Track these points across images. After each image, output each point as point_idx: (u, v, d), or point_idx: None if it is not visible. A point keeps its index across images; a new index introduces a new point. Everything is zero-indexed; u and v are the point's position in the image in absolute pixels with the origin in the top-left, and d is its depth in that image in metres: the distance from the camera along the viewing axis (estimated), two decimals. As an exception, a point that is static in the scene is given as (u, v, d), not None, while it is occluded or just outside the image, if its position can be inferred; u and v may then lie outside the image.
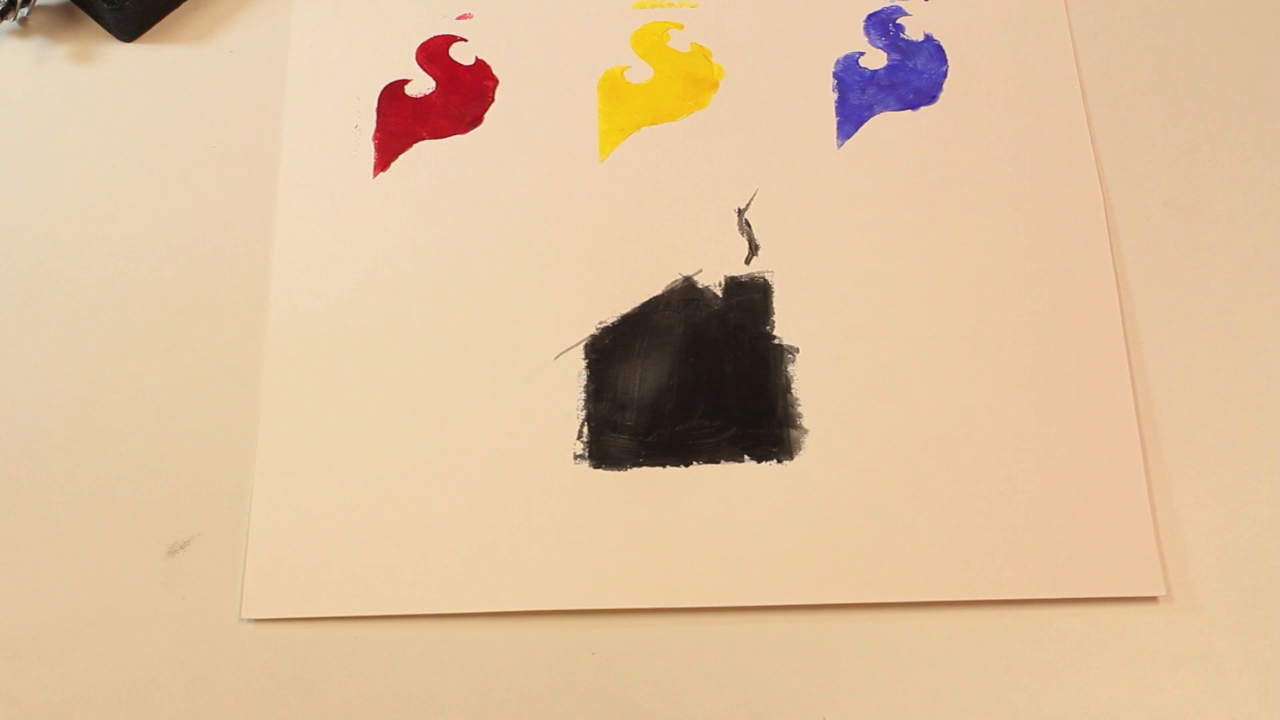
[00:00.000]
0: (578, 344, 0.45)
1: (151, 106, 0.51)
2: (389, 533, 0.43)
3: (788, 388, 0.44)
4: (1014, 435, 0.43)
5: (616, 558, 0.42)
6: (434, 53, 0.51)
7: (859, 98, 0.50)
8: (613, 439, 0.44)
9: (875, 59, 0.51)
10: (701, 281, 0.46)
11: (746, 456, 0.43)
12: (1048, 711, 0.40)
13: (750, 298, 0.46)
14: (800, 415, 0.44)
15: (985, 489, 0.43)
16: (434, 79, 0.51)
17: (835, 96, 0.50)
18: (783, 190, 0.48)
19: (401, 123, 0.50)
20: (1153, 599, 0.41)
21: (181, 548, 0.43)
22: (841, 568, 0.42)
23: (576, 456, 0.44)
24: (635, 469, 0.43)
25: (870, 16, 0.51)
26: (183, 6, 0.53)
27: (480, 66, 0.51)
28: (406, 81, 0.51)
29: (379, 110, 0.50)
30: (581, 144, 0.49)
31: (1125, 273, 0.46)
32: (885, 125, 0.49)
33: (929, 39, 0.51)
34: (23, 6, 0.51)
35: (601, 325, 0.46)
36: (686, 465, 0.43)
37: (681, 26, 0.51)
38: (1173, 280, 0.46)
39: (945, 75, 0.50)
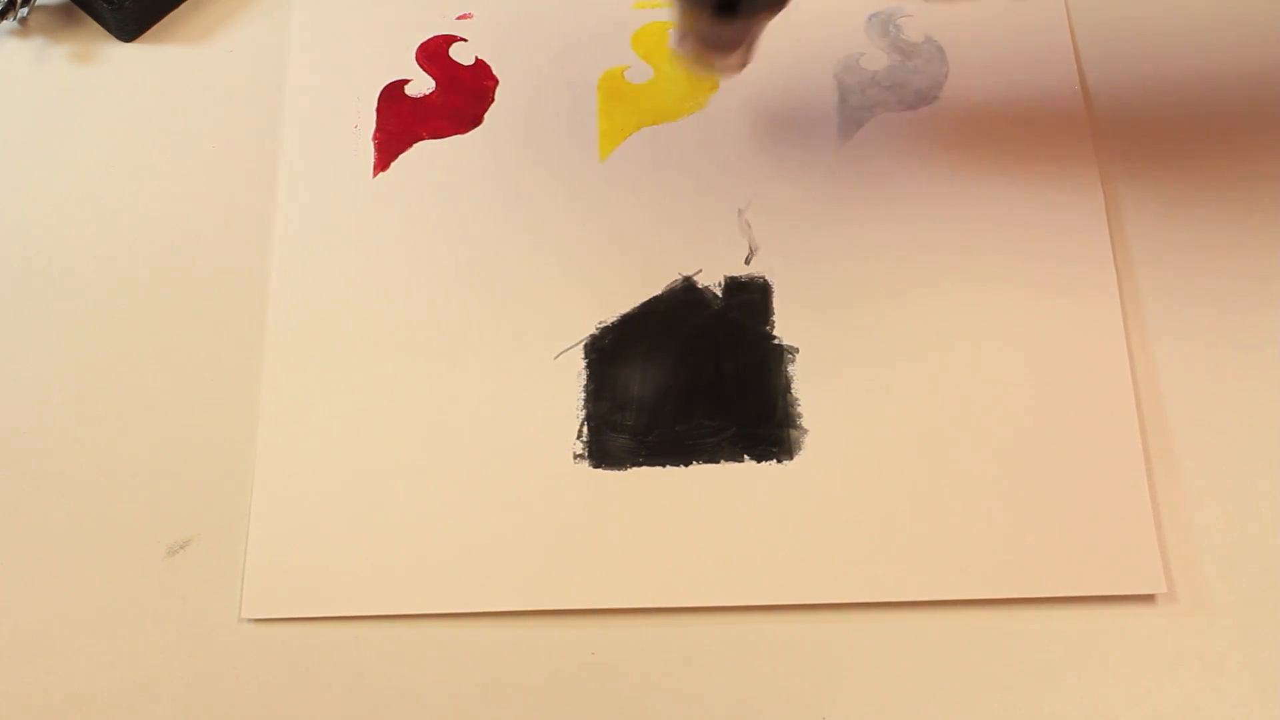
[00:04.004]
0: (577, 344, 0.45)
1: (151, 106, 0.51)
2: (389, 533, 0.43)
3: (788, 388, 0.44)
4: (1015, 434, 0.43)
5: (616, 558, 0.42)
6: (434, 53, 0.51)
7: (859, 98, 0.50)
8: (612, 439, 0.44)
9: (875, 59, 0.51)
10: (701, 281, 0.46)
11: (746, 456, 0.43)
12: (1048, 711, 0.40)
13: (750, 298, 0.46)
14: (800, 415, 0.44)
15: (986, 488, 0.43)
16: (434, 79, 0.51)
17: (835, 96, 0.50)
18: (783, 190, 0.48)
19: (401, 123, 0.50)
20: (1155, 597, 0.41)
21: (181, 548, 0.43)
22: (841, 568, 0.42)
23: (576, 456, 0.44)
24: (635, 469, 0.43)
25: (870, 17, 0.51)
26: (183, 6, 0.53)
27: (480, 66, 0.51)
28: (406, 81, 0.51)
29: (379, 110, 0.50)
30: (582, 144, 0.49)
31: (1125, 271, 0.46)
32: (885, 125, 0.49)
33: (929, 39, 0.51)
34: (23, 6, 0.51)
35: (601, 325, 0.46)
36: (686, 465, 0.43)
37: (681, 26, 0.51)
38: (1173, 277, 0.46)
39: (945, 75, 0.50)
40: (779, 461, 0.43)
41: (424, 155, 0.49)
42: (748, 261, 0.47)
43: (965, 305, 0.45)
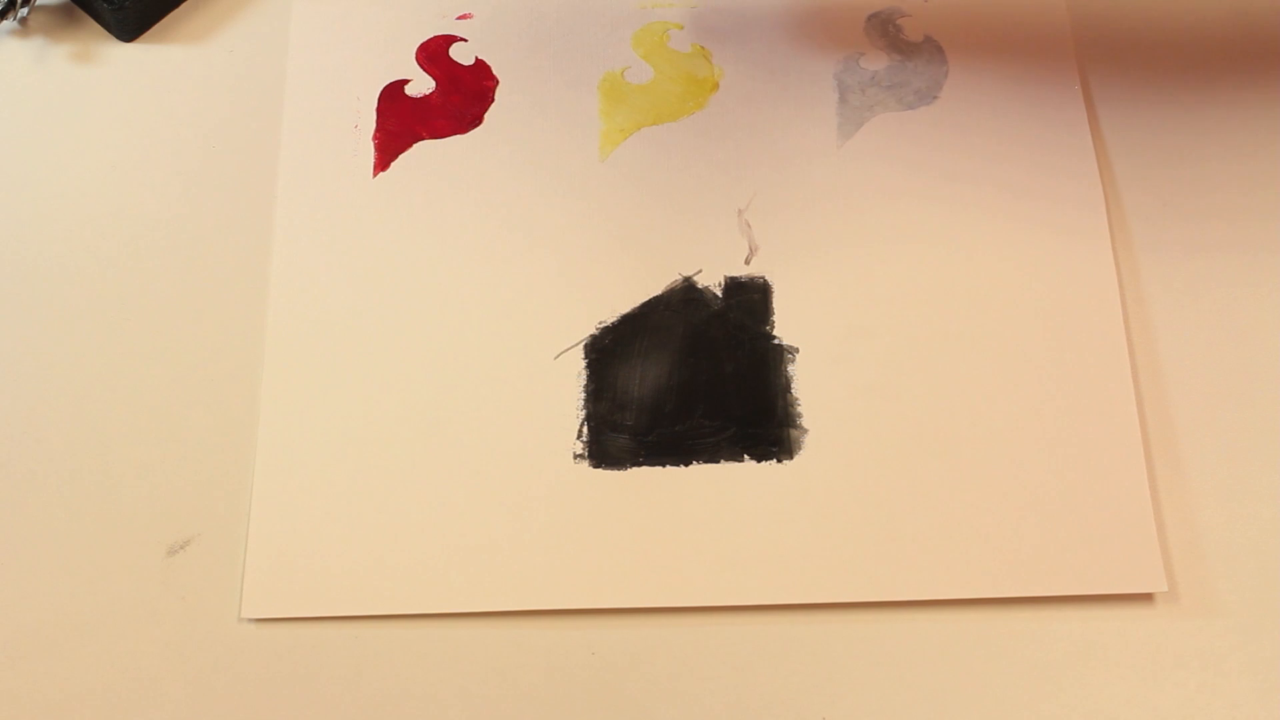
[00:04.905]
0: (578, 344, 0.45)
1: (151, 106, 0.51)
2: (389, 533, 0.43)
3: (788, 388, 0.44)
4: (1014, 434, 0.43)
5: (616, 558, 0.42)
6: (434, 53, 0.51)
7: (859, 98, 0.50)
8: (613, 439, 0.44)
9: (875, 59, 0.51)
10: (701, 281, 0.46)
11: (746, 456, 0.43)
12: (1048, 711, 0.40)
13: (750, 298, 0.46)
14: (800, 415, 0.44)
15: (986, 488, 0.43)
16: (434, 79, 0.51)
17: (835, 97, 0.50)
18: (783, 190, 0.48)
19: (401, 123, 0.50)
20: (1155, 597, 0.41)
21: (181, 548, 0.43)
22: (841, 568, 0.42)
23: (576, 456, 0.44)
24: (635, 469, 0.43)
25: (870, 17, 0.51)
26: (183, 6, 0.53)
27: (480, 66, 0.51)
28: (406, 81, 0.51)
29: (379, 110, 0.50)
30: (582, 144, 0.49)
31: (1127, 269, 0.46)
32: (885, 125, 0.49)
33: (929, 39, 0.51)
34: (23, 6, 0.51)
35: (601, 325, 0.46)
36: (686, 465, 0.43)
37: (681, 27, 0.51)
38: (1175, 274, 0.46)
39: (945, 75, 0.50)
40: (779, 461, 0.43)
41: (424, 155, 0.49)
42: (748, 261, 0.47)
43: (966, 305, 0.45)
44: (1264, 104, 0.49)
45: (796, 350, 0.45)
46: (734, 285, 0.46)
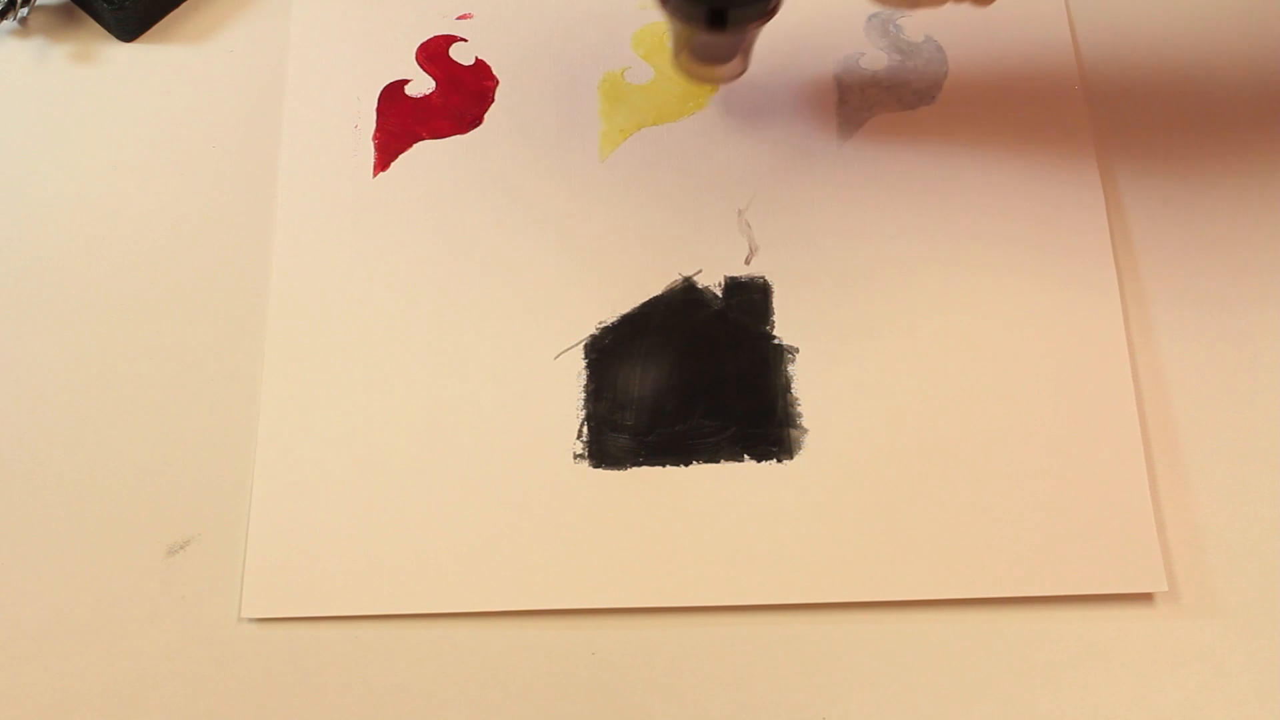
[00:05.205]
0: (577, 344, 0.45)
1: (151, 106, 0.51)
2: (389, 533, 0.43)
3: (788, 388, 0.44)
4: (1015, 433, 0.43)
5: (616, 557, 0.42)
6: (434, 53, 0.51)
7: (859, 98, 0.50)
8: (612, 439, 0.44)
9: (875, 59, 0.51)
10: (701, 281, 0.46)
11: (746, 456, 0.43)
12: (1048, 711, 0.40)
13: (750, 298, 0.46)
14: (800, 415, 0.44)
15: (986, 487, 0.43)
16: (434, 79, 0.51)
17: (835, 97, 0.50)
18: (783, 190, 0.48)
19: (401, 123, 0.50)
20: (1155, 597, 0.41)
21: (181, 548, 0.43)
22: (841, 568, 0.42)
23: (576, 456, 0.44)
24: (635, 468, 0.43)
25: (870, 17, 0.51)
26: (183, 6, 0.53)
27: (480, 66, 0.51)
28: (406, 81, 0.51)
29: (379, 110, 0.50)
30: (582, 144, 0.49)
31: (1127, 268, 0.46)
32: (885, 125, 0.49)
33: (929, 39, 0.51)
34: (23, 6, 0.51)
35: (601, 325, 0.46)
36: (686, 465, 0.43)
37: (681, 27, 0.51)
38: (1175, 274, 0.46)
39: (945, 75, 0.50)
40: (779, 461, 0.43)
41: (424, 155, 0.49)
42: (748, 261, 0.47)
43: (966, 305, 0.45)
44: (1264, 99, 0.49)
45: (796, 350, 0.45)
46: (734, 285, 0.46)
